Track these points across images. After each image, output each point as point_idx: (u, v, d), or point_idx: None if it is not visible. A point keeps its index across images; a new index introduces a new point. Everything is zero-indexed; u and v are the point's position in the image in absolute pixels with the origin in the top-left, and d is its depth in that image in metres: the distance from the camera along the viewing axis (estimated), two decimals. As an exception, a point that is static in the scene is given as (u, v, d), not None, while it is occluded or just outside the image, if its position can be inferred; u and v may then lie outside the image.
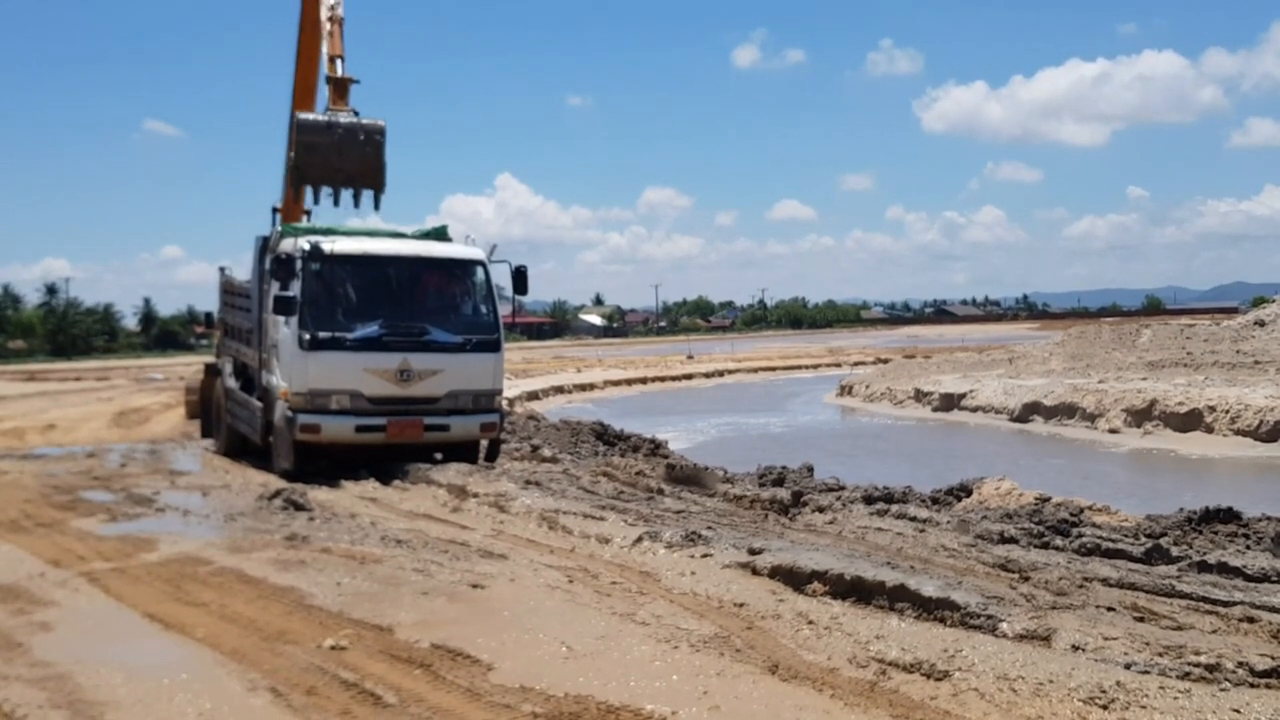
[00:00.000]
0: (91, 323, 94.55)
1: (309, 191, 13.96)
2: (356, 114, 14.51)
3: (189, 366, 24.95)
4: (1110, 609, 6.92)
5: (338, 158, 14.21)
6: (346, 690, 5.63)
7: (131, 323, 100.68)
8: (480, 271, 14.70)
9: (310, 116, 13.94)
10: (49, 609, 7.50)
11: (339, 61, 14.86)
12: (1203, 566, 8.51)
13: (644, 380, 47.41)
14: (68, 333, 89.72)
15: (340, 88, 14.63)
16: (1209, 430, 22.98)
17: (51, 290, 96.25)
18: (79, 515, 11.44)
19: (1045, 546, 9.43)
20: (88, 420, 24.60)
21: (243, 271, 17.22)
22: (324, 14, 15.67)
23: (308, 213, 18.37)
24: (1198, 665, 5.57)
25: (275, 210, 18.87)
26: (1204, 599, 7.38)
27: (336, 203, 13.97)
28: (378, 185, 14.46)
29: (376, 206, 14.25)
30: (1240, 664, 5.57)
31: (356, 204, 13.87)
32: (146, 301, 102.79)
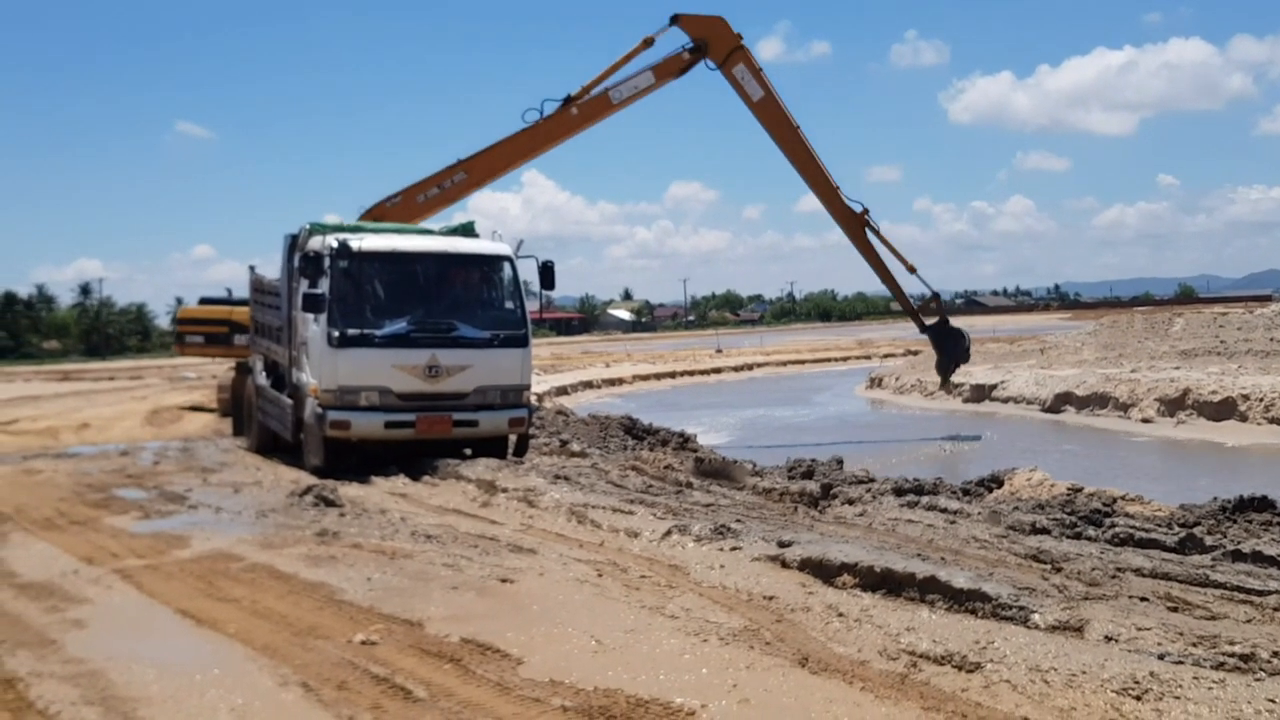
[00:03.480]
0: (125, 322, 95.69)
1: None
2: None
3: (221, 365, 25.07)
4: (1143, 599, 6.87)
5: None
6: (377, 684, 5.65)
7: (164, 322, 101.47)
8: (507, 267, 14.73)
9: None
10: (82, 606, 7.57)
11: None
12: (1237, 556, 8.43)
13: (672, 374, 47.37)
14: (101, 332, 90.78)
15: None
16: (1243, 419, 22.72)
17: (85, 290, 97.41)
18: (112, 513, 11.55)
19: (1078, 537, 9.36)
20: (121, 419, 24.80)
21: (272, 270, 17.33)
22: None
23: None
24: (1232, 655, 5.51)
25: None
26: (1238, 589, 7.30)
27: None
28: None
29: None
30: (1275, 654, 5.51)
31: None
32: (179, 301, 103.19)
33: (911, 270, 23.29)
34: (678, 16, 22.42)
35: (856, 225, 22.86)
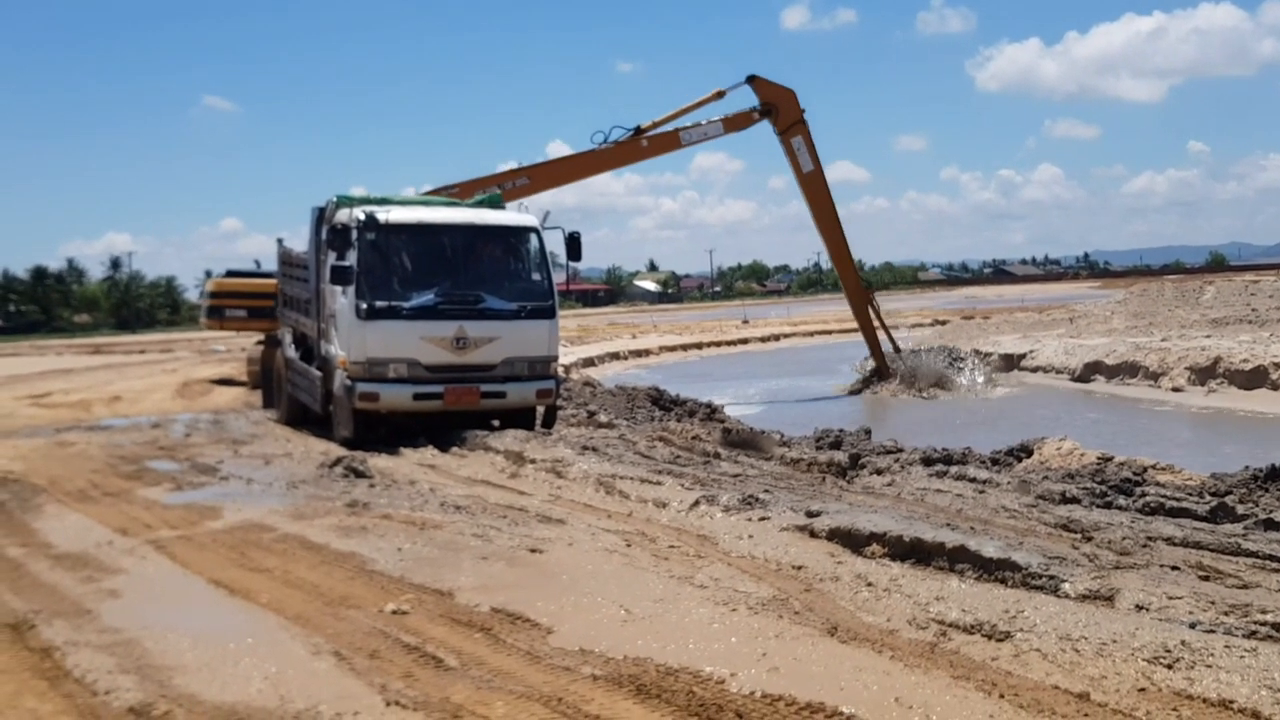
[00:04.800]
0: (154, 296, 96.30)
1: None
2: None
3: (250, 339, 25.21)
4: (1175, 568, 6.83)
5: None
6: (408, 653, 5.69)
7: (193, 295, 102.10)
8: (534, 238, 14.72)
9: None
10: (117, 576, 7.66)
11: None
12: (1269, 524, 8.37)
13: (699, 345, 47.28)
14: (131, 306, 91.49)
15: None
16: (1274, 388, 22.49)
17: (115, 264, 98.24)
18: (145, 484, 11.65)
19: (1108, 506, 9.31)
20: (152, 392, 24.98)
21: (300, 243, 17.37)
22: None
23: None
24: (1264, 624, 5.48)
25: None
26: (1270, 557, 7.26)
27: None
28: None
29: None
30: (1309, 623, 5.47)
31: None
32: (207, 274, 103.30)
33: (897, 350, 27.31)
34: (754, 79, 24.40)
35: (862, 299, 26.63)
